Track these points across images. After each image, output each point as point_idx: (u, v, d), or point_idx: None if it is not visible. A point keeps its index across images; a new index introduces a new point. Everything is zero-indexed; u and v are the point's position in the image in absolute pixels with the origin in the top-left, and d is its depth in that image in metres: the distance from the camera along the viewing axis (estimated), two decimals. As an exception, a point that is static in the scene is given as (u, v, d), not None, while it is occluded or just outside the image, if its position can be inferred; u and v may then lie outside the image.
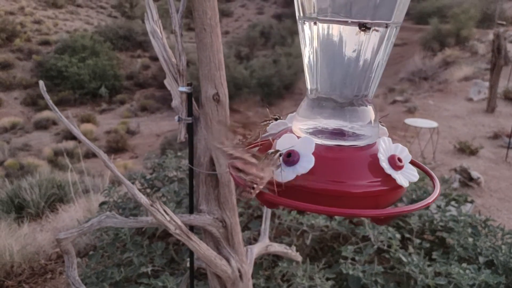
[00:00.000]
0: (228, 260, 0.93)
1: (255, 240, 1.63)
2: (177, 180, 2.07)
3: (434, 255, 1.51)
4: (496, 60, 5.30)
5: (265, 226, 1.15)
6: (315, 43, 0.37)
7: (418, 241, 1.60)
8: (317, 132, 0.38)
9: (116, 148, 10.00)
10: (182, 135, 0.89)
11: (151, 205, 0.79)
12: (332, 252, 1.67)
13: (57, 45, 16.23)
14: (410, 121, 4.25)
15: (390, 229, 1.50)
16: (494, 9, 13.27)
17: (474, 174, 3.25)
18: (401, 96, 7.52)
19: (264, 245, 1.11)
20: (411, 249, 1.57)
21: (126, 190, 2.05)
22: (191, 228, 0.93)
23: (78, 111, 13.23)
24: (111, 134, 11.21)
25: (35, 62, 15.46)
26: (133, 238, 1.55)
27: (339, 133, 0.38)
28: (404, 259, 1.40)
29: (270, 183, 0.35)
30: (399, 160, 0.36)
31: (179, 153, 2.33)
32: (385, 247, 1.50)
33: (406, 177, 0.36)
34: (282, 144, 0.37)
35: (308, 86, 0.40)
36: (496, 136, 4.70)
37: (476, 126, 5.26)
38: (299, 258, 1.21)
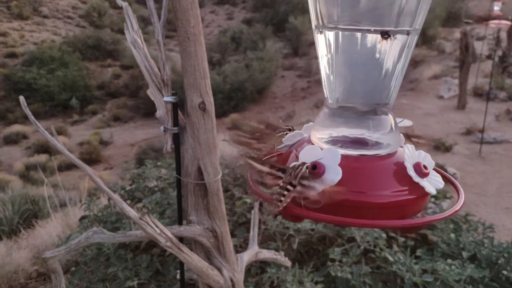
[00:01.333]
0: (220, 270, 0.92)
1: (242, 247, 1.62)
2: (159, 190, 2.04)
3: (419, 252, 1.53)
4: (465, 58, 5.44)
5: (254, 232, 1.14)
6: (335, 52, 0.37)
7: (402, 239, 1.61)
8: (338, 142, 0.38)
9: (89, 159, 9.80)
10: (169, 146, 0.87)
11: (141, 219, 0.78)
12: (318, 255, 1.67)
13: (24, 57, 15.84)
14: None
15: (376, 229, 1.52)
16: (459, 8, 13.66)
17: (450, 170, 3.32)
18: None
19: (254, 252, 1.10)
20: (395, 248, 1.59)
21: (106, 202, 2.01)
22: (181, 239, 0.91)
23: (49, 123, 12.92)
24: (84, 145, 10.99)
25: (1, 75, 15.04)
26: (117, 252, 1.51)
27: (360, 142, 0.38)
28: (390, 258, 1.42)
29: (297, 196, 0.35)
30: (425, 167, 0.35)
31: (158, 163, 2.30)
32: (371, 247, 1.51)
33: (432, 184, 0.35)
34: (306, 156, 0.36)
35: (328, 95, 0.40)
36: (468, 132, 4.83)
37: (448, 123, 5.39)
38: (288, 263, 1.20)
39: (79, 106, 14.48)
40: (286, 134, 0.45)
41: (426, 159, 0.37)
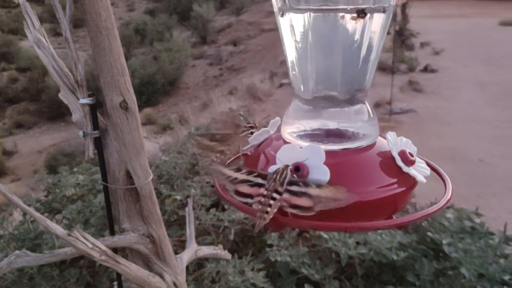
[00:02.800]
0: (161, 276, 0.87)
1: (176, 246, 1.58)
2: (78, 199, 1.91)
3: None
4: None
5: (190, 230, 1.10)
6: (307, 37, 0.33)
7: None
8: (313, 136, 0.35)
9: (-7, 172, 9.03)
10: (91, 151, 0.80)
11: (69, 235, 0.71)
12: (254, 242, 1.67)
13: None
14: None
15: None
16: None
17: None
18: (286, 79, 7.80)
19: (193, 250, 1.06)
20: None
21: (21, 218, 1.84)
22: (115, 250, 0.85)
23: None
24: (-15, 158, 10.07)
25: None
26: (41, 270, 1.39)
27: (337, 135, 0.35)
28: (325, 235, 1.45)
29: (284, 204, 0.31)
30: (411, 155, 0.34)
31: (74, 169, 2.15)
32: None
33: (420, 172, 0.34)
34: (284, 157, 0.32)
35: (301, 86, 0.36)
36: (378, 105, 5.10)
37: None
38: (228, 256, 1.18)
39: (-25, 115, 13.22)
40: (251, 132, 0.41)
41: (408, 145, 0.35)
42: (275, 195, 0.31)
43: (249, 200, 0.32)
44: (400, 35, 7.69)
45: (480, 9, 15.18)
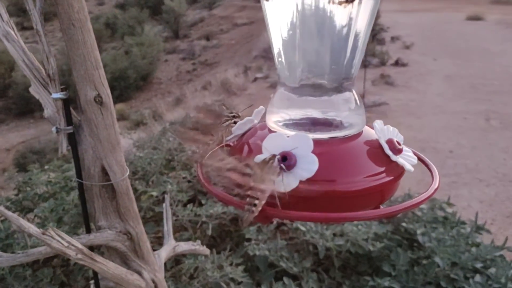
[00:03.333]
0: (140, 273, 0.86)
1: (152, 243, 1.56)
2: (50, 196, 1.86)
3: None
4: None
5: (168, 227, 1.08)
6: (295, 23, 0.32)
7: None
8: (298, 125, 0.34)
9: (-42, 173, 8.71)
10: (64, 147, 0.78)
11: (44, 233, 0.69)
12: (231, 236, 1.67)
13: None
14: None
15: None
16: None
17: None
18: (260, 73, 7.79)
19: (171, 247, 1.05)
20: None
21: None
22: (91, 248, 0.83)
23: None
24: (-51, 158, 9.71)
25: None
26: (13, 271, 1.35)
27: (324, 123, 0.34)
28: (302, 228, 1.46)
29: (271, 195, 0.30)
30: (398, 143, 0.33)
31: (46, 166, 2.10)
32: (283, 220, 1.54)
33: (407, 160, 0.33)
34: (271, 146, 0.31)
35: (287, 73, 0.35)
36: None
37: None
38: (207, 251, 1.17)
39: None
40: (234, 122, 0.40)
41: (395, 133, 0.35)
42: (262, 186, 0.30)
43: (236, 192, 0.31)
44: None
45: (447, 3, 15.52)
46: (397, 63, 7.34)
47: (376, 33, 7.80)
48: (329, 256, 1.48)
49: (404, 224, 1.53)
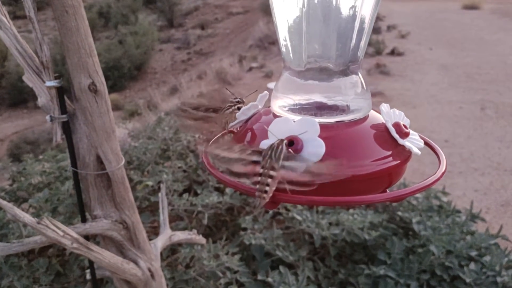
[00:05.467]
0: (136, 262, 0.85)
1: (148, 232, 1.55)
2: (45, 187, 1.85)
3: (321, 207, 1.60)
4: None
5: (164, 216, 1.08)
6: (301, 6, 0.32)
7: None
8: (304, 109, 0.33)
9: (-48, 164, 8.64)
10: (59, 136, 0.77)
11: (39, 223, 0.68)
12: (227, 226, 1.67)
13: None
14: (271, 85, 4.43)
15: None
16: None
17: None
18: (255, 62, 7.75)
19: (167, 236, 1.05)
20: (299, 206, 1.64)
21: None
22: (87, 237, 0.83)
23: None
24: None
25: None
26: (8, 260, 1.35)
27: (330, 107, 0.34)
28: (298, 217, 1.46)
29: (280, 181, 0.30)
30: (405, 127, 0.33)
31: (40, 156, 2.08)
32: (278, 209, 1.55)
33: (414, 144, 0.33)
34: (277, 131, 0.31)
35: (292, 57, 0.34)
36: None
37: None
38: (203, 241, 1.17)
39: None
40: (238, 108, 0.39)
41: (402, 117, 0.35)
42: (272, 172, 0.30)
43: (245, 180, 0.31)
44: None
45: (443, -8, 15.46)
46: (393, 53, 7.32)
47: (372, 22, 7.76)
48: (325, 245, 1.49)
49: (399, 213, 1.54)
